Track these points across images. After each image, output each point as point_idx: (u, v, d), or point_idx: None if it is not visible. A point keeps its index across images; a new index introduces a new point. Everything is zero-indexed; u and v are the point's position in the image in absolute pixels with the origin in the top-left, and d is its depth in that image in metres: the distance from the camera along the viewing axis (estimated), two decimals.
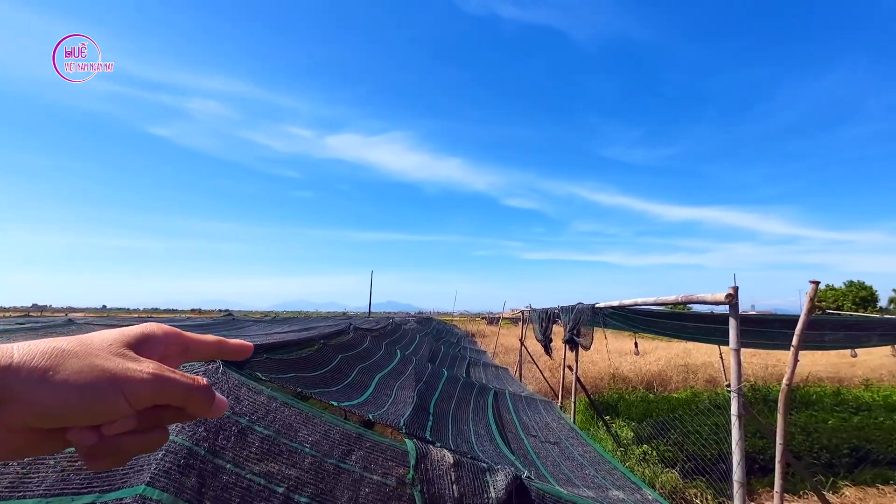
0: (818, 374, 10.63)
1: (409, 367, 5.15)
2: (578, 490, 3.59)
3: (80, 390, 0.32)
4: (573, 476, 3.92)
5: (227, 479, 1.80)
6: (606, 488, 3.67)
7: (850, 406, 7.56)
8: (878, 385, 10.17)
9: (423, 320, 18.88)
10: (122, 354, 0.36)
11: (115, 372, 0.34)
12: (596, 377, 9.73)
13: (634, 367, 10.39)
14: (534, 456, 4.30)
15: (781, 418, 2.26)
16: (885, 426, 5.93)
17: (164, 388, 0.36)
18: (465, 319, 43.59)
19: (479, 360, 10.86)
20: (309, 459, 2.09)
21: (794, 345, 2.26)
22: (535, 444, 4.68)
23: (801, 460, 5.00)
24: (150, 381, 0.35)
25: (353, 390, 3.43)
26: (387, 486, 2.14)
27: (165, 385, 0.36)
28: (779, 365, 11.35)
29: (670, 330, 5.54)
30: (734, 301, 2.40)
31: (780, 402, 2.27)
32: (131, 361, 0.36)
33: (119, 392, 0.33)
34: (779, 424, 2.26)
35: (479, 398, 5.49)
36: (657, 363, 10.77)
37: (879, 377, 10.95)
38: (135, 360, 0.36)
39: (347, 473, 2.11)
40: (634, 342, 5.48)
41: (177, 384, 0.36)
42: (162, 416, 0.38)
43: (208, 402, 0.39)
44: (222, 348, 0.45)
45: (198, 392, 0.38)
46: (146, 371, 0.35)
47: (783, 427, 2.25)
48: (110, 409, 0.33)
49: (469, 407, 4.92)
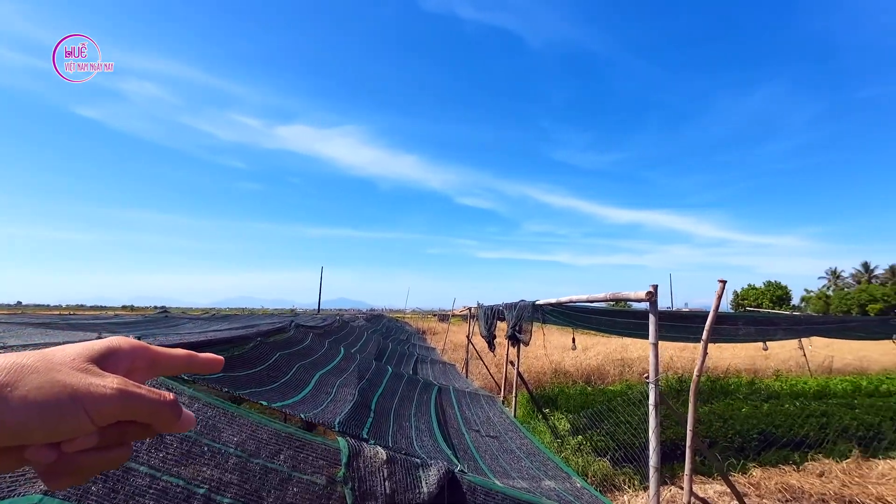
0: (737, 366, 11.63)
1: (352, 365, 5.08)
2: (513, 482, 3.71)
3: (40, 407, 0.31)
4: (510, 468, 4.05)
5: (141, 482, 1.70)
6: (540, 479, 3.82)
7: (762, 395, 8.31)
8: (787, 375, 11.30)
9: (373, 318, 18.67)
10: (84, 369, 0.34)
11: (76, 387, 0.32)
12: (539, 372, 10.08)
13: (575, 362, 10.86)
14: (473, 450, 4.39)
15: (692, 407, 2.47)
16: (789, 412, 6.57)
17: (128, 404, 0.34)
18: (417, 317, 43.58)
19: (428, 357, 10.92)
20: (233, 460, 2.02)
21: (703, 339, 2.47)
22: (475, 439, 4.78)
23: (716, 445, 5.46)
24: (113, 396, 0.33)
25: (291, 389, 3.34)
26: (316, 485, 2.11)
27: (130, 401, 0.34)
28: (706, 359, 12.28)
29: (605, 326, 5.87)
30: (653, 298, 2.57)
31: (691, 392, 2.47)
32: (94, 376, 0.34)
33: (80, 408, 0.32)
34: (689, 413, 2.47)
35: (423, 394, 5.52)
36: (596, 358, 11.33)
37: (788, 368, 12.16)
38: (98, 374, 0.35)
39: (275, 473, 2.06)
40: (572, 338, 5.74)
41: (142, 400, 0.35)
42: (126, 433, 0.36)
43: (174, 417, 0.37)
44: (192, 362, 0.44)
45: (164, 407, 0.36)
46: (110, 386, 0.34)
47: (693, 415, 2.46)
48: (71, 427, 0.32)
49: (412, 403, 4.94)
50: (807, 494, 4.25)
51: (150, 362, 0.42)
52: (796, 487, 4.35)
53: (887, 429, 6.20)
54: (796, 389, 8.98)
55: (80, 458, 0.34)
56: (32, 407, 0.30)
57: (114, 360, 0.38)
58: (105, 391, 0.33)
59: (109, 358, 0.38)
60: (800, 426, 5.99)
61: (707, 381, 9.17)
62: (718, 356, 12.65)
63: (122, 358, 0.39)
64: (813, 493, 4.27)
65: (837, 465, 5.00)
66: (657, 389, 2.53)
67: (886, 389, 9.28)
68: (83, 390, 0.32)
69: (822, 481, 4.58)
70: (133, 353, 0.40)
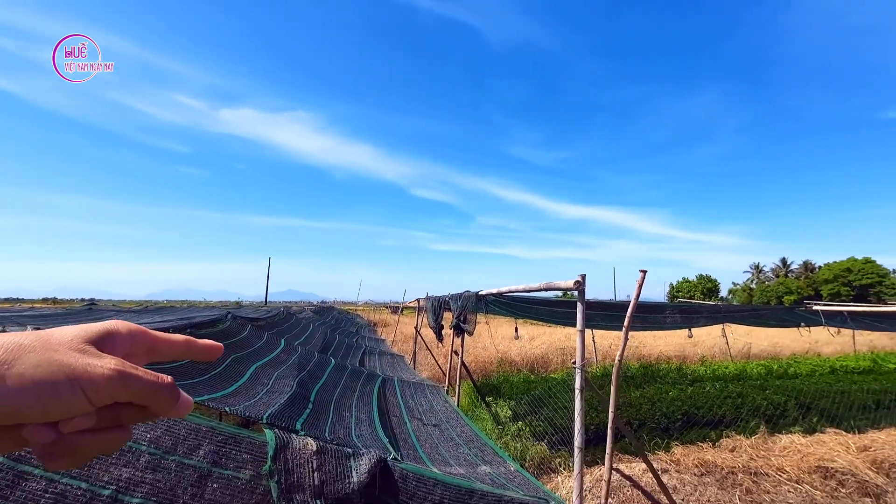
0: (668, 353, 12.48)
1: (293, 357, 4.95)
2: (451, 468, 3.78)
3: (37, 385, 0.31)
4: (449, 455, 4.12)
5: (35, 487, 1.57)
6: (476, 465, 3.92)
7: (688, 379, 8.98)
8: (712, 361, 12.28)
9: (322, 310, 18.25)
10: (82, 350, 0.35)
11: (74, 367, 0.33)
12: (486, 361, 10.31)
13: (521, 352, 11.20)
14: (414, 438, 4.42)
15: (614, 390, 2.63)
16: (710, 394, 7.14)
17: (125, 385, 0.34)
18: (369, 309, 43.12)
19: (377, 349, 10.84)
20: (146, 458, 1.91)
21: (625, 326, 2.62)
22: (417, 427, 4.82)
23: (644, 426, 5.84)
24: (111, 377, 0.34)
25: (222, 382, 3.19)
26: (239, 480, 2.04)
27: (127, 382, 0.34)
28: (641, 347, 13.10)
29: (544, 315, 6.10)
30: (581, 287, 2.69)
31: (613, 376, 2.63)
32: (92, 357, 0.34)
33: (78, 388, 0.32)
34: (612, 396, 2.62)
35: (367, 385, 5.48)
36: (541, 347, 11.75)
37: (713, 355, 13.21)
38: (96, 355, 0.35)
39: (193, 470, 1.97)
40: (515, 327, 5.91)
41: (139, 381, 0.35)
42: (123, 415, 0.36)
43: (172, 400, 0.37)
44: (191, 348, 0.44)
45: (161, 390, 0.37)
46: (107, 367, 0.34)
47: (615, 398, 2.61)
48: (68, 406, 0.32)
49: (354, 394, 4.89)
50: (719, 468, 4.66)
51: (148, 347, 0.42)
52: (711, 462, 4.75)
53: (791, 407, 6.90)
54: (718, 373, 9.77)
55: (78, 439, 0.34)
56: (29, 385, 0.31)
57: (112, 343, 0.38)
58: (102, 371, 0.33)
59: (107, 340, 0.38)
60: (718, 407, 6.54)
61: (640, 368, 9.78)
62: (652, 344, 13.50)
63: (120, 341, 0.39)
64: (725, 467, 4.68)
65: (747, 440, 5.51)
66: (583, 374, 2.65)
67: (794, 372, 10.33)
68: (80, 370, 0.33)
69: (733, 455, 5.04)
70: (131, 337, 0.40)
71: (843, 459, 4.90)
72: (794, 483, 4.48)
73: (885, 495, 4.50)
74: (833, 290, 61.68)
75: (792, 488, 4.41)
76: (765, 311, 7.18)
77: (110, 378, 0.34)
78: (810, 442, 5.48)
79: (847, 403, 7.10)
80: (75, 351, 0.34)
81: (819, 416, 6.73)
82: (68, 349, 0.34)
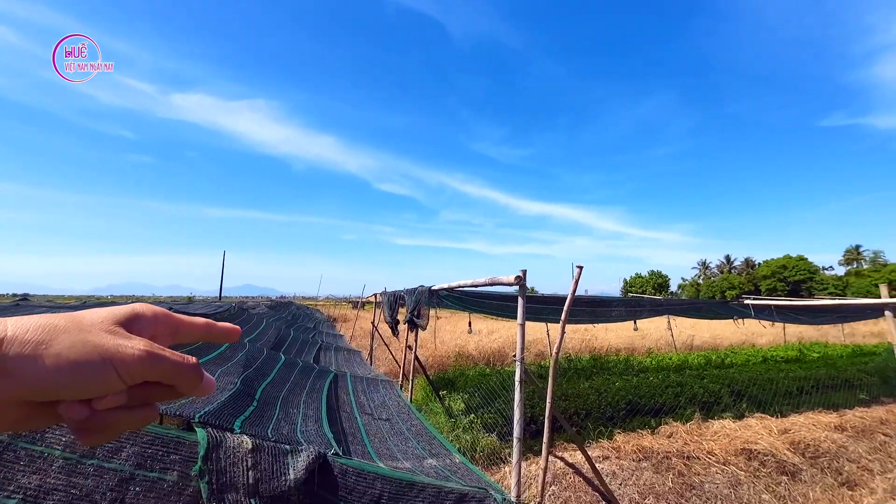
0: (617, 345, 13.04)
1: (239, 354, 4.80)
2: (397, 462, 3.81)
3: (72, 365, 0.33)
4: (397, 450, 4.15)
5: None
6: (423, 458, 3.97)
7: (634, 370, 9.41)
8: (658, 352, 12.94)
9: (278, 305, 17.78)
10: (113, 332, 0.37)
11: (107, 347, 0.35)
12: (443, 356, 10.40)
13: (479, 346, 11.37)
14: (363, 433, 4.43)
15: (551, 382, 2.73)
16: (653, 384, 7.51)
17: (155, 365, 0.37)
18: (329, 304, 42.35)
19: (333, 345, 10.70)
20: (60, 463, 1.82)
21: (562, 319, 2.72)
22: (367, 423, 4.82)
23: (590, 415, 6.08)
24: (141, 357, 0.36)
25: None
26: (165, 482, 1.97)
27: (156, 362, 0.37)
28: (593, 340, 13.61)
29: (495, 309, 6.22)
30: (522, 282, 2.76)
31: (551, 368, 2.73)
32: (123, 338, 0.37)
33: (110, 367, 0.34)
34: (549, 387, 2.72)
35: (317, 381, 5.41)
36: (498, 341, 11.96)
37: (659, 347, 13.92)
38: (126, 336, 0.37)
39: (112, 473, 1.89)
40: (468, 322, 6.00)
41: (167, 361, 0.37)
42: (151, 394, 0.39)
43: (197, 380, 0.40)
44: (210, 331, 0.46)
45: (187, 370, 0.39)
46: (138, 348, 0.36)
47: (552, 389, 2.72)
48: (102, 384, 0.34)
49: (304, 391, 4.82)
50: (656, 453, 4.93)
51: (172, 328, 0.44)
52: (648, 448, 5.02)
53: (725, 394, 7.39)
54: (663, 364, 10.30)
55: (110, 416, 0.36)
56: (65, 364, 0.33)
57: (138, 325, 0.41)
58: (133, 352, 0.36)
59: (134, 322, 0.40)
60: (659, 395, 6.89)
61: (591, 360, 10.17)
62: (604, 337, 14.06)
63: (146, 323, 0.42)
64: (661, 452, 4.96)
65: (683, 426, 5.86)
66: (523, 366, 2.73)
67: (730, 362, 11.04)
68: (113, 350, 0.35)
69: (669, 441, 5.34)
70: (156, 319, 0.43)
71: (765, 442, 5.31)
72: (722, 465, 4.82)
73: (800, 473, 4.92)
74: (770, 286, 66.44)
75: (720, 470, 4.73)
76: (701, 304, 7.65)
77: (140, 358, 0.36)
78: (739, 426, 5.90)
79: (774, 390, 7.68)
80: (107, 332, 0.36)
81: (749, 402, 7.24)
82: (100, 330, 0.36)
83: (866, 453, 5.61)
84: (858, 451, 5.60)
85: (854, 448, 5.66)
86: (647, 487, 4.33)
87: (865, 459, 5.49)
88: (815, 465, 5.13)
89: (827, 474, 5.02)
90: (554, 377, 2.76)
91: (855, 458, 5.45)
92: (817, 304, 7.04)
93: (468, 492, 2.78)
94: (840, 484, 4.91)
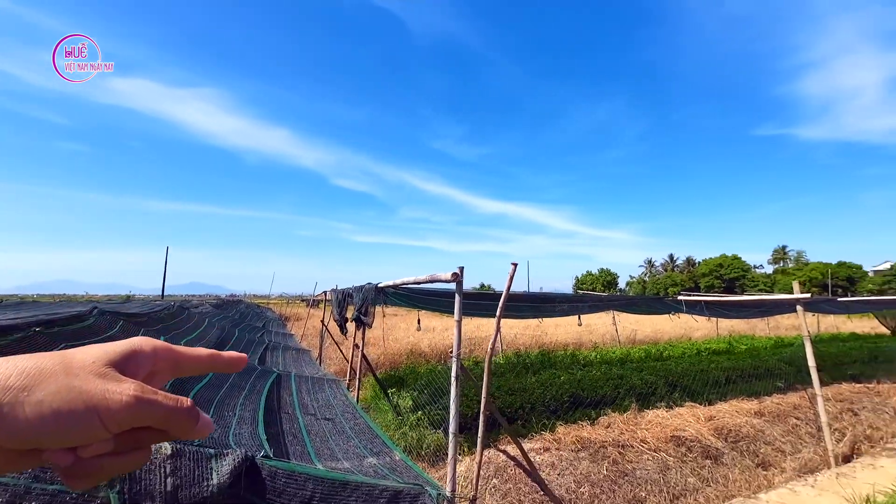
0: (565, 341, 13.52)
1: None
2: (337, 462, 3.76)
3: (55, 413, 0.31)
4: (338, 449, 4.09)
5: None
6: (364, 457, 3.93)
7: (580, 364, 9.80)
8: (603, 347, 13.54)
9: (225, 304, 17.02)
10: (102, 374, 0.35)
11: (92, 394, 0.33)
12: (396, 353, 10.36)
13: (432, 343, 11.41)
14: (305, 434, 4.32)
15: (486, 376, 2.79)
16: (596, 377, 7.85)
17: (143, 412, 0.35)
18: (282, 302, 41.01)
19: (282, 345, 10.37)
20: None
21: (497, 315, 2.78)
22: (310, 423, 4.71)
23: (535, 409, 6.26)
24: (129, 404, 0.34)
25: None
26: (67, 495, 1.84)
27: (145, 408, 0.35)
28: (543, 336, 14.03)
29: (441, 306, 6.29)
30: (459, 279, 2.80)
31: (486, 363, 2.79)
32: (112, 382, 0.35)
33: (95, 416, 0.33)
34: (484, 383, 2.78)
35: (258, 382, 5.23)
36: (451, 338, 12.06)
37: (605, 341, 14.56)
38: (116, 380, 0.35)
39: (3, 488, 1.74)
40: (417, 319, 6.02)
41: (158, 406, 0.36)
42: (143, 438, 0.37)
43: (192, 423, 0.38)
44: (215, 362, 0.44)
45: (181, 414, 0.37)
46: (126, 393, 0.34)
47: (487, 385, 2.78)
48: (85, 433, 0.33)
49: (242, 393, 4.65)
50: (594, 443, 5.16)
51: (173, 363, 0.42)
52: (587, 439, 5.25)
53: (661, 385, 7.84)
54: (607, 358, 10.79)
55: (97, 462, 0.35)
56: (48, 413, 0.31)
57: (135, 363, 0.38)
58: (121, 398, 0.34)
59: (131, 360, 0.38)
60: (601, 388, 7.21)
61: (540, 355, 10.48)
62: (553, 332, 14.52)
63: (144, 360, 0.39)
64: (598, 442, 5.20)
65: (620, 417, 6.16)
66: (458, 362, 2.77)
67: (668, 355, 11.74)
68: (98, 397, 0.33)
69: (607, 431, 5.61)
70: (155, 355, 0.40)
71: (693, 429, 5.69)
72: (654, 452, 5.12)
73: (722, 456, 5.32)
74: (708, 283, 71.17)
75: (651, 456, 5.03)
76: (638, 300, 8.10)
77: (128, 405, 0.34)
78: (671, 415, 6.28)
79: (704, 380, 8.24)
80: (95, 376, 0.34)
81: (681, 392, 7.73)
82: (88, 373, 0.34)
83: (780, 436, 6.15)
84: (774, 434, 6.13)
85: (770, 431, 6.18)
86: (583, 476, 4.52)
87: (779, 442, 6.01)
88: (735, 449, 5.56)
89: (745, 456, 5.46)
90: (489, 373, 2.82)
91: (770, 441, 5.95)
92: (740, 299, 7.63)
93: (403, 489, 2.79)
94: (756, 465, 5.36)
